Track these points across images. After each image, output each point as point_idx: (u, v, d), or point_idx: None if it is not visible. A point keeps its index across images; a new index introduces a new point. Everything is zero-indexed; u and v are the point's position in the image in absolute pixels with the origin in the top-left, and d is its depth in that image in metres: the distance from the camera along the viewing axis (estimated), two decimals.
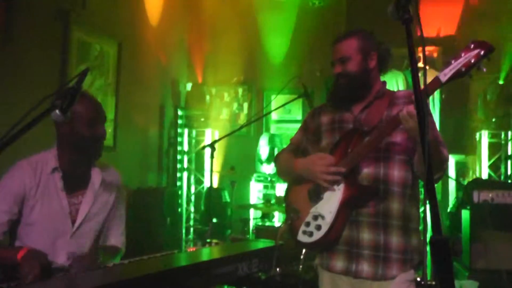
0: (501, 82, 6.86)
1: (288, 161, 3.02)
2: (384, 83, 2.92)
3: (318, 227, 2.69)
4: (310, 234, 2.72)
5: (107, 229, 3.17)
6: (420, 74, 1.62)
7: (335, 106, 2.96)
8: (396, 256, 2.61)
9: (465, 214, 5.61)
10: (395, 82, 6.81)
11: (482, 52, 2.24)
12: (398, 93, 2.87)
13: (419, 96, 1.57)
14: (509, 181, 6.90)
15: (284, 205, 3.16)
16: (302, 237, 2.77)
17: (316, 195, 2.79)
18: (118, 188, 3.26)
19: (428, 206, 1.45)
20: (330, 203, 2.70)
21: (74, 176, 2.99)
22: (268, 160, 7.26)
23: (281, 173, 3.20)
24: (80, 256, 2.85)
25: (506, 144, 7.05)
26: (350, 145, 2.72)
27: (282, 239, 2.95)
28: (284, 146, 3.32)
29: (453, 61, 2.30)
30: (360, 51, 2.80)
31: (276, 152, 7.12)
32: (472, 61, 2.26)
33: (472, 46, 2.26)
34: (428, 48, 7.37)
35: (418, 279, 1.45)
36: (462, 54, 2.28)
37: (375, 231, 2.64)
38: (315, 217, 2.73)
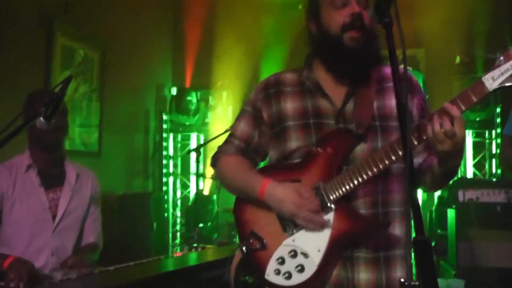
0: (479, 74, 6.90)
1: (245, 178, 2.19)
2: None
3: (300, 268, 1.98)
4: (288, 276, 2.00)
5: (84, 227, 3.20)
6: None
7: (305, 84, 2.19)
8: None
9: (451, 213, 5.65)
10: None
11: None
12: (384, 71, 2.15)
13: (401, 102, 1.48)
14: (494, 179, 6.95)
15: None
16: (274, 278, 2.03)
17: (290, 223, 2.04)
18: (93, 186, 3.30)
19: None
20: (316, 237, 1.98)
21: (49, 172, 3.04)
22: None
23: (229, 188, 2.32)
24: (65, 261, 2.87)
25: (490, 143, 7.13)
26: (340, 156, 2.02)
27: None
28: None
29: (503, 60, 1.76)
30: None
31: None
32: None
33: None
34: (412, 50, 7.42)
35: (402, 280, 1.31)
36: None
37: (375, 268, 2.02)
38: (293, 253, 2.01)
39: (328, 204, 1.97)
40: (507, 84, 1.74)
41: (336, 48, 2.06)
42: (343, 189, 1.95)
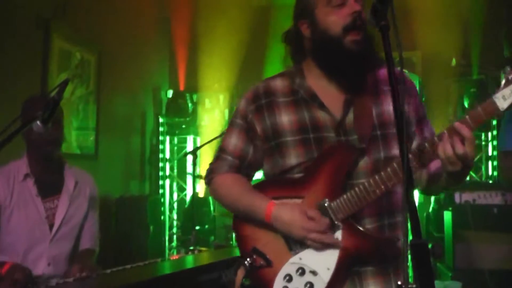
0: (475, 77, 6.93)
1: (248, 199, 2.10)
2: None
3: (310, 286, 1.94)
4: None
5: (82, 232, 3.19)
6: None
7: (297, 92, 2.08)
8: None
9: (447, 215, 5.66)
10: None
11: None
12: (379, 73, 2.07)
13: (398, 106, 1.44)
14: (491, 181, 6.95)
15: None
16: None
17: (298, 241, 1.99)
18: (91, 191, 3.29)
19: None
20: (324, 255, 1.94)
21: (47, 181, 3.03)
22: None
23: (230, 207, 2.24)
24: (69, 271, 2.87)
25: (487, 145, 7.13)
26: (342, 171, 1.95)
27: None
28: None
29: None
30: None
31: None
32: None
33: None
34: (408, 53, 7.42)
35: (399, 282, 1.30)
36: None
37: (384, 280, 1.99)
38: (301, 271, 1.97)
39: (336, 222, 1.92)
40: None
41: (336, 51, 1.95)
42: (352, 208, 1.91)
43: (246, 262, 2.03)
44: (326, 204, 1.93)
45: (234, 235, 2.24)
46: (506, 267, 4.99)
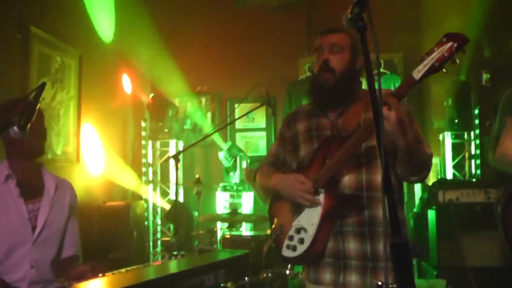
0: (462, 78, 6.99)
1: (266, 178, 2.89)
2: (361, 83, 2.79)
3: (301, 241, 2.60)
4: (294, 248, 2.63)
5: (65, 239, 3.16)
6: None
7: (313, 110, 2.82)
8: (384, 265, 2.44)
9: (431, 214, 5.70)
10: (392, 85, 6.81)
11: (455, 45, 2.15)
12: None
13: (375, 101, 1.58)
14: (474, 180, 7.02)
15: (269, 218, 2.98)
16: (286, 252, 2.68)
17: (297, 208, 2.67)
18: (71, 198, 3.25)
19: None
20: (311, 215, 2.60)
21: (29, 183, 2.98)
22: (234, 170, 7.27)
23: (261, 190, 3.02)
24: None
25: (470, 144, 7.19)
26: (329, 154, 2.59)
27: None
28: (248, 153, 3.19)
29: (426, 57, 2.21)
30: (351, 49, 2.66)
31: (238, 161, 7.12)
32: (446, 55, 2.16)
33: (445, 39, 2.17)
34: (389, 54, 7.46)
35: (379, 283, 1.45)
36: (435, 49, 2.19)
37: (361, 240, 2.55)
38: (298, 231, 2.63)
39: (319, 189, 2.60)
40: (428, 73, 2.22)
41: (315, 86, 2.74)
42: (327, 174, 2.56)
43: (272, 235, 2.74)
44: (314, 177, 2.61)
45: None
46: (489, 264, 5.04)
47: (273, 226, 2.77)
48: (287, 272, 4.17)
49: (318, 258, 2.62)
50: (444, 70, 2.21)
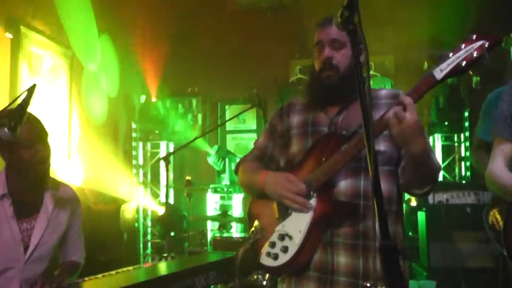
0: (452, 80, 7.01)
1: (252, 174, 2.59)
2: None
3: (285, 249, 2.29)
4: (275, 256, 2.32)
5: (65, 245, 3.12)
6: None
7: (310, 104, 2.54)
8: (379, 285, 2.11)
9: (421, 216, 5.73)
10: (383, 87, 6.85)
11: (487, 44, 1.93)
12: (380, 92, 2.46)
13: (365, 106, 1.58)
14: (464, 181, 7.06)
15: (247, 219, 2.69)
16: (265, 260, 2.37)
17: (283, 211, 2.36)
18: (72, 204, 3.20)
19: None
20: (299, 220, 2.28)
21: (25, 201, 2.91)
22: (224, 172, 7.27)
23: (243, 186, 2.74)
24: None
25: (460, 146, 7.24)
26: (325, 153, 2.29)
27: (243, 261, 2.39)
28: (239, 155, 2.99)
29: (451, 54, 1.98)
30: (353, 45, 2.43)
31: (227, 162, 7.10)
32: (475, 54, 1.94)
33: (475, 37, 1.96)
34: (381, 57, 7.49)
35: (368, 284, 1.36)
36: (463, 46, 1.96)
37: (353, 255, 2.23)
38: (282, 237, 2.33)
39: (311, 192, 2.28)
40: (452, 73, 2.00)
41: (316, 84, 2.46)
42: (323, 176, 2.25)
43: (250, 239, 2.44)
44: (307, 178, 2.31)
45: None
46: (479, 265, 5.07)
47: (253, 228, 2.49)
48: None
49: (302, 270, 2.32)
50: (471, 72, 2.06)
